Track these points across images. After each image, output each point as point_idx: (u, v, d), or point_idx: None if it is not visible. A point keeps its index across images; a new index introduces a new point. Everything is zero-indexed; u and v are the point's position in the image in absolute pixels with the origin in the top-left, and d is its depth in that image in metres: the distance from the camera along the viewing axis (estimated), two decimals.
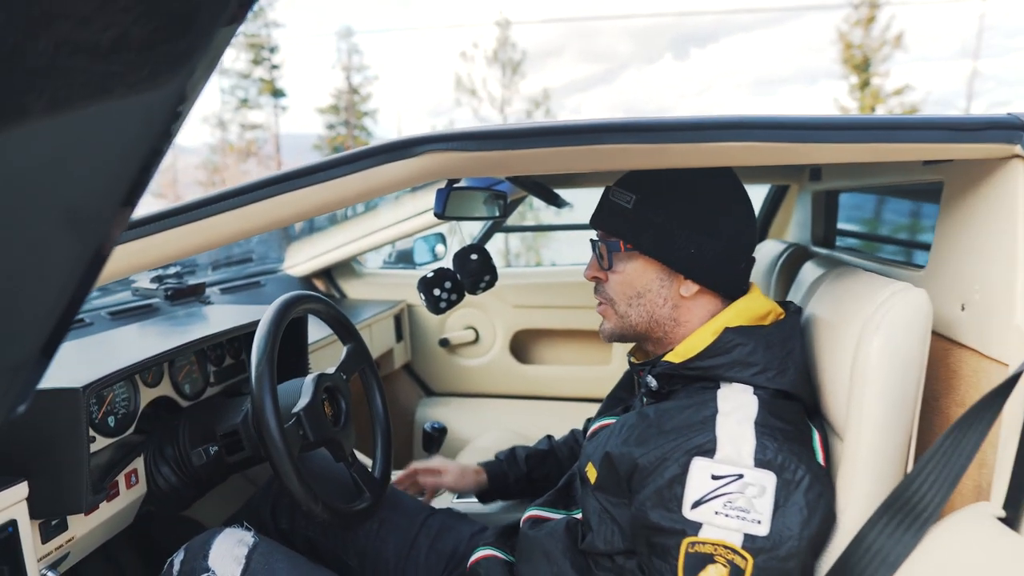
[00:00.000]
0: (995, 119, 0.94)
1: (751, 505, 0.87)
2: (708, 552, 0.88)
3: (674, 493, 0.91)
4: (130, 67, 0.34)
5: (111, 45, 0.32)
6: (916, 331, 0.95)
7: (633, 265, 1.10)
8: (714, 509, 0.88)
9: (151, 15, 0.32)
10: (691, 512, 0.89)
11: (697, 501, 0.89)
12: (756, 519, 0.87)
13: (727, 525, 0.87)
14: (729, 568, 0.87)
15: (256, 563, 1.11)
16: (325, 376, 1.28)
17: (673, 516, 0.90)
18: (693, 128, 0.94)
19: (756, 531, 0.87)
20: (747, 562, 0.87)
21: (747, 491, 0.88)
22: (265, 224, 1.01)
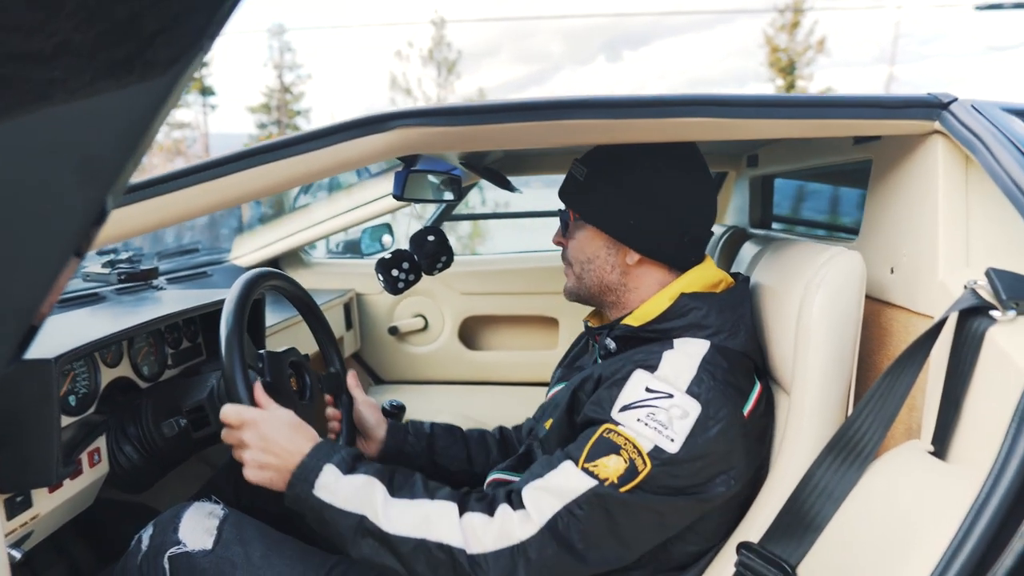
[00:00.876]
0: (917, 98, 1.04)
1: (671, 423, 0.96)
2: (618, 443, 0.96)
3: (611, 394, 1.00)
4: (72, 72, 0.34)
5: (53, 51, 0.33)
6: (852, 289, 1.04)
7: (583, 233, 1.19)
8: (637, 416, 0.97)
9: (93, 21, 0.33)
10: (618, 413, 0.99)
11: (626, 405, 0.98)
12: (671, 436, 0.95)
13: (643, 432, 0.96)
14: (628, 464, 0.95)
15: (227, 533, 1.12)
16: (296, 351, 1.30)
17: (602, 412, 1.00)
18: (653, 105, 1.00)
19: (666, 446, 0.95)
20: (645, 467, 0.94)
21: (672, 410, 0.96)
22: (235, 197, 1.02)
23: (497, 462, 1.43)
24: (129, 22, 0.34)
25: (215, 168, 0.99)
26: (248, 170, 1.00)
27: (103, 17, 0.33)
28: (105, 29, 0.34)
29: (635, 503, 0.95)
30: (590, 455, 0.97)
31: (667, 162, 1.14)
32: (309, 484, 1.00)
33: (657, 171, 1.13)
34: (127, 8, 0.34)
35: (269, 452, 1.04)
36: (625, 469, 0.94)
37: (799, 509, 0.97)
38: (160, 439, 1.27)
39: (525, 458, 1.33)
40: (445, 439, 1.46)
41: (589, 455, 0.97)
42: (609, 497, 0.94)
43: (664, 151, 1.14)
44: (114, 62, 0.35)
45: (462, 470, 1.44)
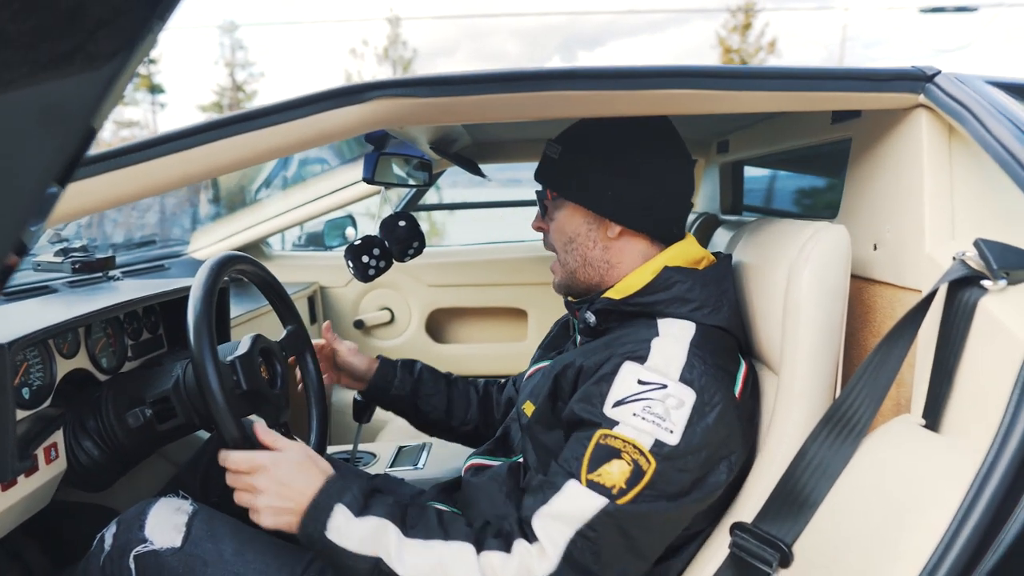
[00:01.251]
0: (902, 70, 1.04)
1: (667, 414, 0.93)
2: (617, 447, 0.93)
3: (600, 390, 0.96)
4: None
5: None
6: (839, 264, 1.03)
7: (563, 212, 1.17)
8: (632, 411, 0.94)
9: (31, 12, 0.32)
10: (611, 410, 0.95)
11: (619, 400, 0.95)
12: (669, 428, 0.92)
13: (641, 427, 0.93)
14: (632, 467, 0.92)
15: (197, 530, 1.06)
16: (263, 338, 1.24)
17: (594, 410, 0.96)
18: (636, 76, 0.98)
19: (667, 439, 0.92)
20: (650, 465, 0.92)
21: (667, 401, 0.94)
22: (207, 170, 0.97)
23: (474, 419, 1.48)
24: (71, 14, 0.34)
25: (184, 139, 0.93)
26: (219, 141, 0.95)
27: (42, 8, 0.33)
28: (45, 21, 0.33)
29: (647, 513, 0.92)
30: (591, 465, 0.93)
31: (642, 135, 1.13)
32: (321, 525, 0.96)
33: (632, 143, 1.12)
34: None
35: (285, 497, 0.99)
36: (631, 472, 0.91)
37: (793, 487, 0.96)
38: (123, 433, 1.20)
39: (502, 441, 1.30)
40: (430, 386, 1.48)
41: (590, 465, 0.93)
42: (621, 514, 0.91)
43: (638, 125, 1.13)
44: (55, 54, 0.34)
45: (439, 420, 1.49)
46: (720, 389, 0.97)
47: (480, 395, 1.55)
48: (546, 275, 2.51)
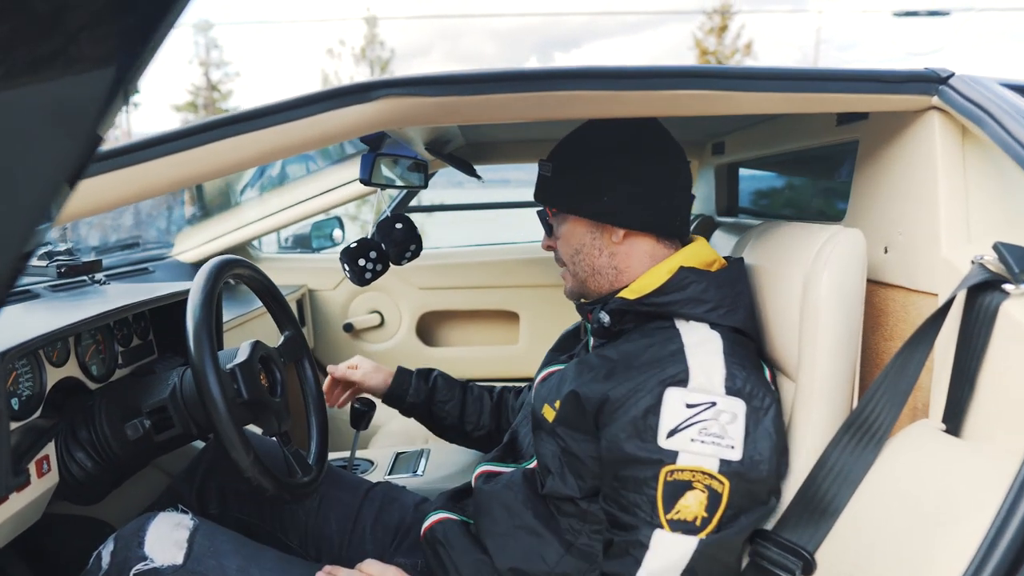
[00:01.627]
0: (916, 73, 1.03)
1: (724, 431, 0.91)
2: (687, 479, 0.90)
3: (649, 424, 0.93)
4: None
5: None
6: (857, 268, 1.02)
7: (566, 227, 1.16)
8: (690, 436, 0.91)
9: (7, 15, 0.32)
10: (667, 441, 0.91)
11: (672, 430, 0.92)
12: (730, 444, 0.91)
13: (703, 451, 0.90)
14: (707, 493, 0.90)
15: (200, 546, 1.03)
16: (263, 345, 1.21)
17: (649, 446, 0.92)
18: (648, 76, 0.96)
19: (730, 456, 0.90)
20: (724, 486, 0.90)
21: (720, 418, 0.91)
22: (209, 171, 0.93)
23: (487, 425, 1.49)
24: (51, 17, 0.33)
25: (186, 138, 0.90)
26: (222, 141, 0.91)
27: (19, 10, 0.32)
28: (22, 23, 0.33)
29: (736, 534, 0.92)
30: (667, 505, 0.91)
31: (631, 138, 1.12)
32: None
33: (622, 147, 1.11)
34: (48, 3, 0.33)
35: None
36: (707, 499, 0.90)
37: (814, 494, 0.94)
38: (117, 444, 1.16)
39: (510, 447, 1.28)
40: (444, 393, 1.49)
41: (666, 505, 0.91)
42: (713, 546, 0.91)
43: (626, 128, 1.12)
44: (33, 57, 0.34)
45: (454, 426, 1.49)
46: (766, 392, 0.96)
47: (494, 401, 1.54)
48: (537, 277, 2.53)
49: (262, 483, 1.06)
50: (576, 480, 1.03)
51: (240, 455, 1.03)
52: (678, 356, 0.96)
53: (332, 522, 1.28)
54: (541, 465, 1.09)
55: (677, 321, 1.04)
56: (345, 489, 1.33)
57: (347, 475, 1.38)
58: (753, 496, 0.93)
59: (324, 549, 1.27)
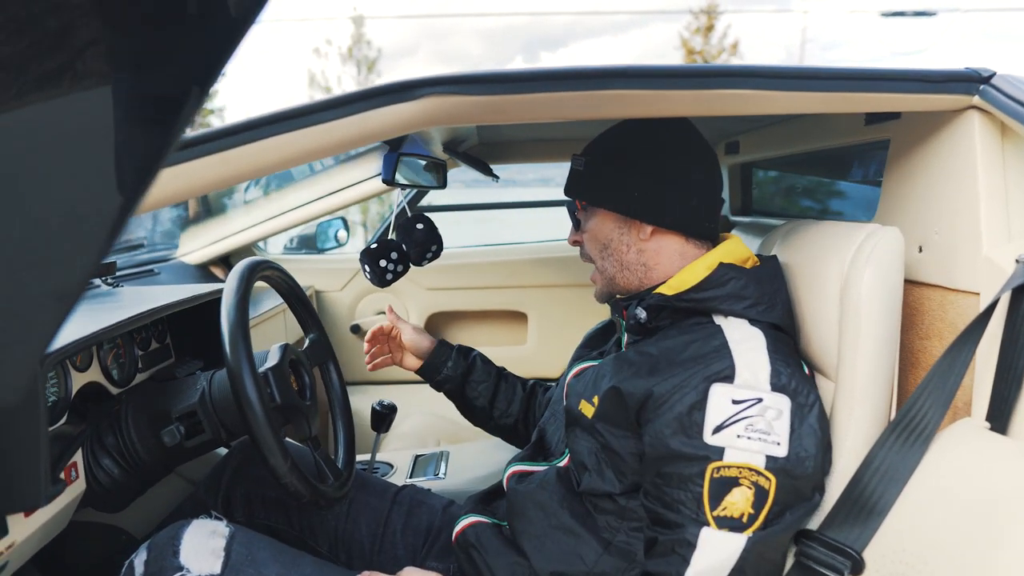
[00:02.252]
0: (956, 72, 1.03)
1: (771, 427, 0.91)
2: (733, 476, 0.90)
3: (694, 420, 0.92)
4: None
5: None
6: (897, 267, 1.02)
7: (594, 220, 1.16)
8: (736, 432, 0.91)
9: (23, 34, 0.32)
10: (712, 437, 0.91)
11: (719, 426, 0.91)
12: (776, 440, 0.90)
13: (749, 447, 0.90)
14: (754, 489, 0.89)
15: (237, 554, 1.00)
16: (292, 348, 1.19)
17: (695, 442, 0.92)
18: (696, 75, 0.96)
19: (777, 452, 0.90)
20: (770, 482, 0.90)
21: (766, 414, 0.91)
22: (248, 171, 0.92)
23: (515, 413, 1.48)
24: (60, 33, 0.33)
25: (224, 138, 0.88)
26: (264, 140, 0.89)
27: (33, 29, 0.32)
28: (35, 41, 0.33)
29: (782, 531, 0.92)
30: (713, 502, 0.90)
31: (665, 137, 1.13)
32: None
33: (653, 145, 1.12)
34: (58, 19, 0.33)
35: None
36: (753, 495, 0.90)
37: (860, 494, 0.94)
38: (144, 450, 1.14)
39: (539, 445, 1.27)
40: (480, 373, 1.49)
41: (712, 502, 0.90)
42: (759, 543, 0.90)
43: (660, 128, 1.13)
44: (43, 74, 0.34)
45: (483, 408, 1.48)
46: (810, 388, 0.96)
47: (526, 392, 1.53)
48: (546, 277, 2.52)
49: (299, 489, 1.04)
50: (615, 476, 1.02)
51: (278, 460, 1.01)
52: (723, 352, 0.96)
53: (362, 527, 1.26)
54: (576, 462, 1.08)
55: (716, 317, 1.04)
56: (373, 493, 1.31)
57: (374, 479, 1.37)
58: (798, 492, 0.93)
59: (354, 554, 1.25)
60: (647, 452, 0.97)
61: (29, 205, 0.48)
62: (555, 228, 2.61)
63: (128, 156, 0.48)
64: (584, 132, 1.83)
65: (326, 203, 2.33)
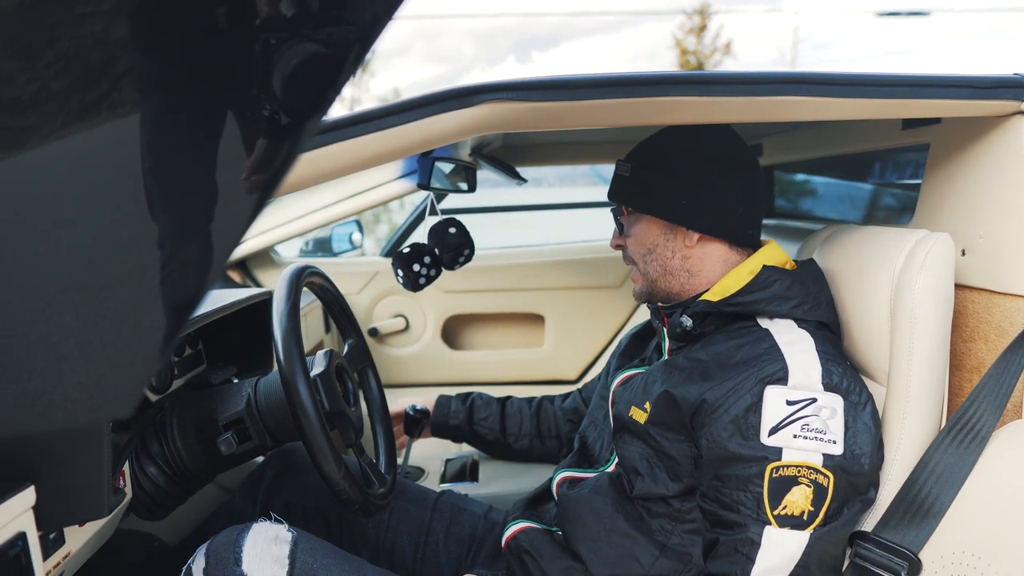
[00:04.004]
0: (1006, 78, 1.03)
1: (826, 426, 0.92)
2: (792, 475, 0.91)
3: (750, 422, 0.94)
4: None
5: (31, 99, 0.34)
6: (948, 271, 1.03)
7: (640, 226, 1.17)
8: (792, 432, 0.92)
9: (70, 68, 0.34)
10: (769, 438, 0.92)
11: (775, 427, 0.93)
12: (832, 439, 0.92)
13: (806, 447, 0.91)
14: (813, 487, 0.91)
15: (302, 563, 0.99)
16: (336, 354, 1.19)
17: (752, 444, 0.93)
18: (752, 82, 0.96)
19: (833, 450, 0.92)
20: (828, 480, 0.91)
21: (821, 413, 0.92)
22: (309, 178, 0.92)
23: (528, 433, 1.56)
24: (102, 66, 0.35)
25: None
26: (323, 148, 0.89)
27: (80, 63, 0.34)
28: (81, 75, 0.35)
29: (841, 528, 0.93)
30: (773, 501, 0.92)
31: (711, 145, 1.14)
32: None
33: (700, 151, 1.13)
34: (101, 52, 0.34)
35: None
36: (813, 493, 0.91)
37: (916, 495, 0.95)
38: (188, 457, 1.13)
39: (583, 452, 1.27)
40: (482, 410, 1.59)
41: (772, 502, 0.92)
42: (822, 540, 0.92)
43: (706, 135, 1.14)
44: (83, 105, 0.36)
45: (496, 440, 1.57)
46: (862, 387, 0.98)
47: (532, 409, 1.58)
48: (563, 280, 2.51)
49: (351, 495, 1.04)
50: (669, 479, 1.03)
51: (332, 467, 1.01)
52: (774, 353, 0.98)
53: (403, 535, 1.26)
54: (627, 467, 1.09)
55: (761, 320, 1.05)
56: (412, 501, 1.31)
57: (412, 486, 1.36)
58: (855, 488, 0.95)
59: (397, 563, 1.24)
60: (704, 455, 0.98)
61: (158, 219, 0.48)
62: (579, 230, 2.62)
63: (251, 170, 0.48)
64: (610, 135, 1.83)
65: (344, 207, 2.33)
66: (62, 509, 0.86)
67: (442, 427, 1.58)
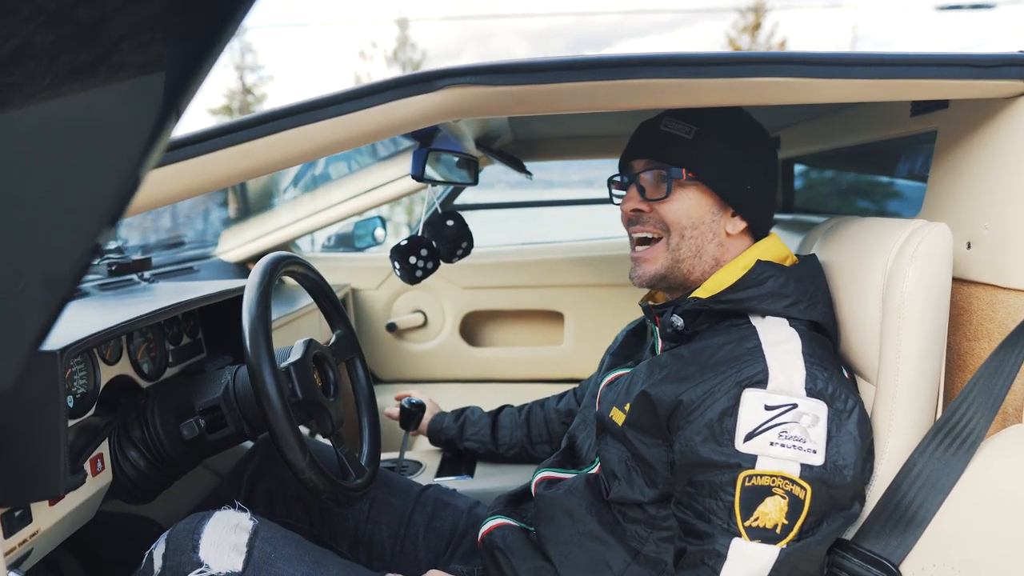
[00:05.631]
0: (1008, 56, 0.96)
1: (806, 434, 0.86)
2: (766, 484, 0.85)
3: (725, 426, 0.88)
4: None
5: (10, 56, 0.33)
6: (944, 264, 0.96)
7: (689, 195, 1.06)
8: (769, 440, 0.86)
9: (54, 25, 0.32)
10: (744, 445, 0.87)
11: (751, 433, 0.87)
12: (812, 448, 0.86)
13: (783, 455, 0.85)
14: (788, 499, 0.85)
15: (260, 551, 0.97)
16: (316, 343, 1.18)
17: (726, 450, 0.87)
18: (728, 63, 0.92)
19: (812, 460, 0.85)
20: (806, 492, 0.85)
21: (801, 420, 0.86)
22: (269, 164, 0.91)
23: (518, 442, 1.58)
24: (93, 26, 0.34)
25: (249, 128, 0.87)
26: (283, 132, 0.89)
27: (64, 21, 0.33)
28: (67, 33, 0.33)
29: (818, 543, 0.87)
30: (744, 512, 0.86)
31: (760, 128, 1.10)
32: None
33: (761, 136, 1.09)
34: (90, 11, 0.33)
35: None
36: (787, 504, 0.85)
37: (899, 503, 0.89)
38: (169, 443, 1.14)
39: (569, 452, 1.23)
40: (471, 426, 1.63)
41: (743, 512, 0.86)
42: (794, 555, 0.85)
43: (750, 119, 1.10)
44: (76, 66, 0.35)
45: (488, 452, 1.61)
46: (849, 393, 0.90)
47: (521, 417, 1.59)
48: (583, 277, 2.48)
49: (318, 484, 1.03)
50: (645, 484, 0.99)
51: (296, 456, 1.00)
52: (756, 354, 0.92)
53: (383, 527, 1.25)
54: (606, 470, 1.05)
55: (753, 318, 0.99)
56: (395, 493, 1.29)
57: (397, 478, 1.35)
58: (836, 502, 0.88)
59: (374, 555, 1.23)
60: (678, 460, 0.93)
61: (23, 190, 0.48)
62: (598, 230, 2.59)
63: (120, 143, 0.47)
64: (620, 128, 1.80)
65: (362, 201, 2.34)
66: (17, 487, 0.87)
67: (436, 439, 1.66)
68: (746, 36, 23.13)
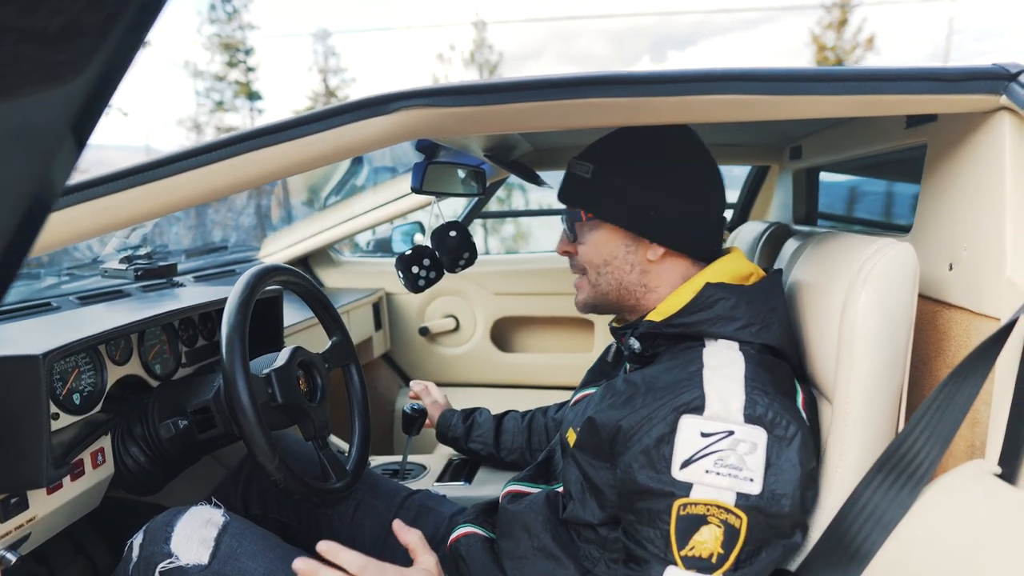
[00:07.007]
0: (980, 69, 0.92)
1: (743, 462, 0.84)
2: (700, 513, 0.84)
3: (662, 453, 0.87)
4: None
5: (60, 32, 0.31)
6: (904, 285, 0.93)
7: (597, 234, 1.08)
8: (704, 468, 0.85)
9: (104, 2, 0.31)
10: (680, 472, 0.86)
11: (687, 460, 0.86)
12: (748, 477, 0.84)
13: (718, 484, 0.84)
14: (723, 528, 0.84)
15: (226, 546, 1.03)
16: (303, 350, 1.24)
17: (661, 477, 0.86)
18: (678, 80, 0.91)
19: (749, 489, 0.84)
20: (741, 521, 0.84)
21: (738, 448, 0.85)
22: (231, 184, 0.96)
23: (519, 447, 1.58)
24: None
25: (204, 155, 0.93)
26: (243, 155, 0.94)
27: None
28: (114, 10, 0.32)
29: (757, 575, 0.85)
30: (680, 541, 0.85)
31: (673, 147, 1.05)
32: None
33: (667, 157, 1.04)
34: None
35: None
36: (723, 534, 0.84)
37: (843, 535, 0.86)
38: (166, 441, 1.22)
39: (544, 467, 1.24)
40: (478, 428, 1.63)
41: (679, 541, 0.85)
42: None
43: (666, 136, 1.05)
44: (119, 43, 0.33)
45: (490, 455, 1.62)
46: (791, 419, 0.88)
47: (524, 423, 1.59)
48: None
49: (289, 485, 1.09)
50: (597, 506, 0.99)
51: (266, 458, 1.06)
52: (695, 380, 0.90)
53: (366, 529, 1.29)
54: (565, 489, 1.06)
55: (707, 341, 0.98)
56: (381, 496, 1.34)
57: (386, 482, 1.39)
58: (775, 531, 0.86)
59: None
60: (619, 486, 0.93)
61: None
62: None
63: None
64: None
65: (394, 207, 2.40)
66: (7, 477, 0.96)
67: (443, 438, 1.65)
68: (831, 32, 22.29)
